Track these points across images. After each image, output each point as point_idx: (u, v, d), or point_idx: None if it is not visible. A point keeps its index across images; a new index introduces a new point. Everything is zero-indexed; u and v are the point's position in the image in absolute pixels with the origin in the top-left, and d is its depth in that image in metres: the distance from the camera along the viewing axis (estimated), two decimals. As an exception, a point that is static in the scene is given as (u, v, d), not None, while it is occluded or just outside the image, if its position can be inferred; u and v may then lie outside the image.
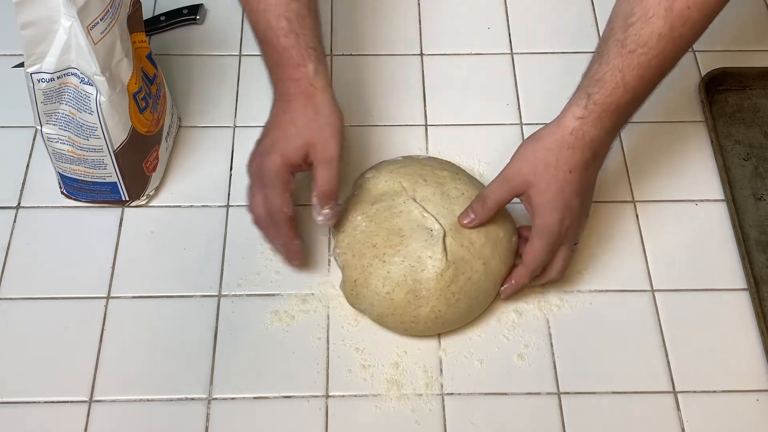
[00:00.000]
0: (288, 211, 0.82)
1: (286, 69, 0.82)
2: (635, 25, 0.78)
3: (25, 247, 0.90)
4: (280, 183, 0.81)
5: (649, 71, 0.78)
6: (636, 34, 0.77)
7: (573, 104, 0.80)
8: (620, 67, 0.78)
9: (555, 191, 0.80)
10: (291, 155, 0.81)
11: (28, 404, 0.80)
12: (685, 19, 0.77)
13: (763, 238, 0.91)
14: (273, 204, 0.82)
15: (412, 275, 0.81)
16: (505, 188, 0.82)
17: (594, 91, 0.79)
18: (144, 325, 0.85)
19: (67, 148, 0.86)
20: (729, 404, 0.82)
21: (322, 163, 0.81)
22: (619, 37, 0.78)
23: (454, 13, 1.10)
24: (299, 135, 0.81)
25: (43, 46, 0.79)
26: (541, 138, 0.81)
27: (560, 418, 0.81)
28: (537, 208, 0.80)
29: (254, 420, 0.80)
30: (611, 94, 0.79)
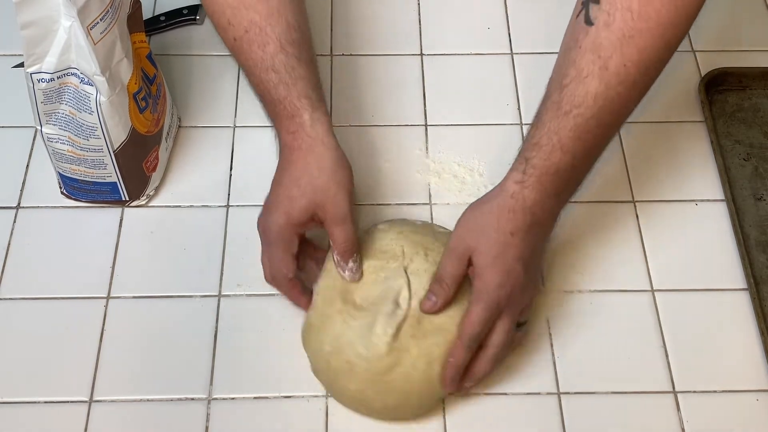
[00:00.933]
0: (288, 273, 0.80)
1: (283, 121, 0.81)
2: (570, 86, 0.74)
3: (25, 247, 0.90)
4: (282, 245, 0.80)
5: (586, 132, 0.75)
6: (571, 94, 0.74)
7: (513, 169, 0.77)
8: (556, 129, 0.75)
9: (495, 254, 0.75)
10: (295, 216, 0.79)
11: (28, 404, 0.80)
12: (622, 78, 0.73)
13: (763, 238, 0.91)
14: (274, 265, 0.81)
15: (355, 347, 0.77)
16: (452, 260, 0.77)
17: (532, 155, 0.76)
18: (144, 325, 0.85)
19: (67, 148, 0.86)
20: (729, 404, 0.82)
21: (334, 223, 0.79)
22: (555, 99, 0.75)
23: (454, 13, 1.10)
24: (304, 195, 0.79)
25: (43, 46, 0.79)
26: (482, 203, 0.78)
27: (560, 418, 0.81)
28: (478, 271, 0.76)
29: (254, 420, 0.80)
30: (549, 158, 0.75)
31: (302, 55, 0.82)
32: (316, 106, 0.81)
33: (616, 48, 0.72)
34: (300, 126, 0.80)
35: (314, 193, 0.79)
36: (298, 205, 0.79)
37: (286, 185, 0.80)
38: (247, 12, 0.81)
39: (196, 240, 0.91)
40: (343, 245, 0.79)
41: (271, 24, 0.81)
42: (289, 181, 0.80)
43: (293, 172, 0.80)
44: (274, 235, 0.80)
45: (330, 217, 0.78)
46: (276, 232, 0.80)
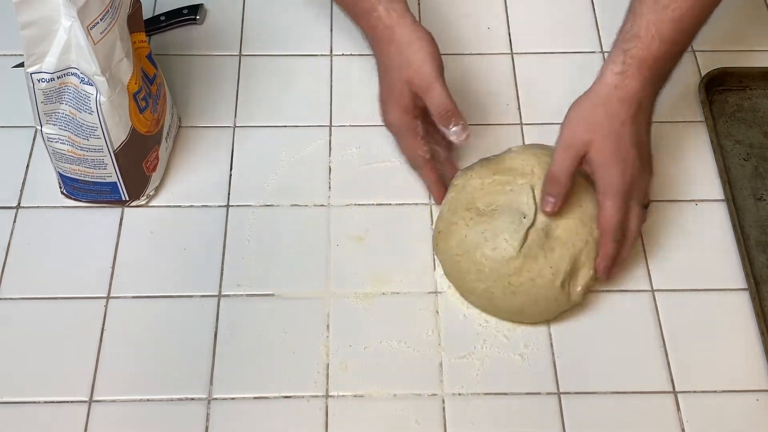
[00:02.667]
0: (424, 154, 0.86)
1: (363, 19, 0.87)
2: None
3: (25, 247, 0.90)
4: (407, 133, 0.86)
5: (683, 23, 0.80)
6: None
7: (610, 62, 0.82)
8: (654, 21, 0.80)
9: (612, 144, 0.80)
10: (401, 102, 0.85)
11: (28, 404, 0.80)
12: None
13: (763, 238, 0.91)
14: (409, 152, 0.88)
15: (483, 249, 0.83)
16: (568, 156, 0.81)
17: (630, 46, 0.80)
18: (144, 325, 0.85)
19: (67, 148, 0.86)
20: (729, 404, 0.82)
21: (424, 92, 0.84)
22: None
23: (454, 13, 1.10)
24: (398, 80, 0.84)
25: (43, 46, 0.79)
26: (586, 99, 0.82)
27: (560, 418, 0.81)
28: (598, 166, 0.80)
29: (254, 420, 0.80)
30: (647, 48, 0.80)
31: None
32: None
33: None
34: (378, 20, 0.86)
35: (402, 73, 0.84)
36: (398, 92, 0.85)
37: (384, 79, 0.87)
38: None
39: (196, 240, 0.91)
40: (437, 109, 0.84)
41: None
42: (384, 74, 0.87)
43: (384, 65, 0.86)
44: (397, 126, 0.87)
45: (419, 88, 0.84)
46: (396, 124, 0.87)
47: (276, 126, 0.99)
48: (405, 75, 0.84)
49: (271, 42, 1.06)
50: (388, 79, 0.86)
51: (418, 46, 0.84)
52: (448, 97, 0.84)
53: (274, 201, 0.93)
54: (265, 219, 0.92)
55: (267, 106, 1.01)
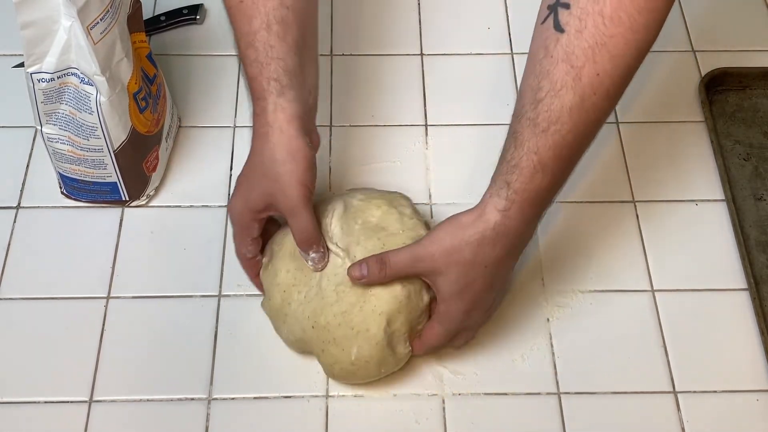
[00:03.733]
0: (247, 253, 0.83)
1: (253, 102, 0.79)
2: (545, 100, 0.71)
3: (25, 247, 0.90)
4: (241, 228, 0.82)
5: (565, 149, 0.72)
6: (547, 110, 0.71)
7: (494, 194, 0.74)
8: (535, 149, 0.72)
9: (465, 284, 0.75)
10: (252, 203, 0.79)
11: (28, 404, 0.80)
12: (595, 88, 0.70)
13: (763, 238, 0.91)
14: (236, 245, 0.84)
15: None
16: (410, 264, 0.76)
17: (513, 179, 0.73)
18: (144, 325, 0.85)
19: (67, 148, 0.86)
20: (729, 404, 0.82)
21: (288, 214, 0.78)
22: (531, 116, 0.72)
23: (454, 13, 1.10)
24: (259, 184, 0.78)
25: (43, 46, 0.79)
26: (463, 228, 0.75)
27: (560, 418, 0.81)
28: (443, 295, 0.76)
29: (254, 420, 0.80)
30: (530, 181, 0.73)
31: (287, 35, 0.78)
32: (283, 92, 0.77)
33: (589, 57, 0.69)
34: (263, 110, 0.77)
35: (267, 183, 0.77)
36: (254, 193, 0.79)
37: (246, 172, 0.80)
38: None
39: (196, 240, 0.91)
40: (298, 236, 0.78)
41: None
42: (248, 168, 0.80)
43: (252, 159, 0.79)
44: (235, 219, 0.82)
45: (283, 209, 0.78)
46: (236, 216, 0.82)
47: (276, 126, 0.99)
48: (269, 186, 0.77)
49: (271, 42, 1.06)
50: (248, 173, 0.80)
51: (291, 166, 0.76)
52: (314, 225, 0.77)
53: (274, 201, 0.93)
54: (265, 219, 0.92)
55: (267, 106, 1.01)
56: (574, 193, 0.94)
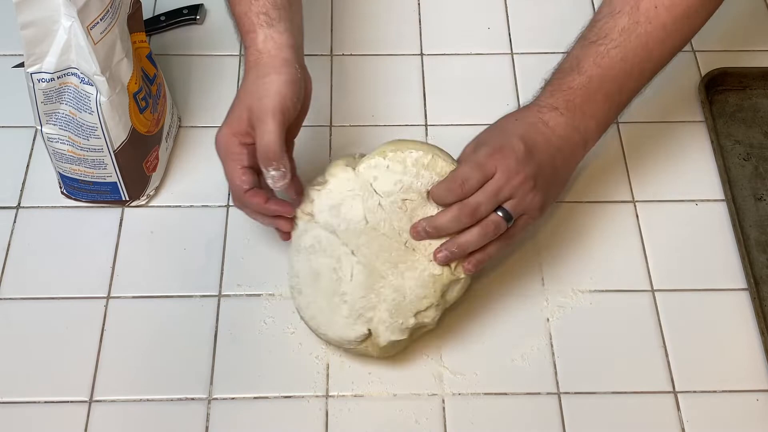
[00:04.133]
0: (242, 185, 0.77)
1: (243, 38, 0.80)
2: (601, 21, 0.81)
3: (25, 247, 0.90)
4: (230, 156, 0.78)
5: (606, 59, 0.80)
6: (600, 28, 0.81)
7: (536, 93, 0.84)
8: (578, 55, 0.81)
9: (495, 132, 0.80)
10: (235, 125, 0.77)
11: (28, 404, 0.80)
12: (650, 18, 0.79)
13: (763, 238, 0.91)
14: (231, 183, 0.79)
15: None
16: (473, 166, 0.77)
17: (550, 75, 0.83)
18: (144, 325, 0.85)
19: (67, 148, 0.86)
20: (729, 404, 0.82)
21: (257, 124, 0.76)
22: (585, 33, 0.83)
23: (454, 13, 1.10)
24: (241, 103, 0.78)
25: (43, 46, 0.79)
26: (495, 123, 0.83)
27: (560, 418, 0.81)
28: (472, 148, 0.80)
29: (254, 420, 0.80)
30: (564, 76, 0.81)
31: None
32: (272, 24, 0.79)
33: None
34: (252, 42, 0.79)
35: (248, 98, 0.77)
36: (236, 115, 0.78)
37: (234, 101, 0.80)
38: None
39: (196, 240, 0.91)
40: (261, 147, 0.76)
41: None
42: (236, 98, 0.80)
43: (240, 89, 0.79)
44: (221, 148, 0.78)
45: (255, 119, 0.76)
46: (222, 145, 0.78)
47: (276, 126, 0.99)
48: (249, 100, 0.77)
49: (271, 42, 1.06)
50: (236, 101, 0.79)
51: (273, 79, 0.76)
52: (278, 139, 0.75)
53: (274, 201, 0.93)
54: (265, 219, 0.92)
55: (267, 106, 1.01)
56: (573, 193, 0.94)
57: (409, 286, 0.77)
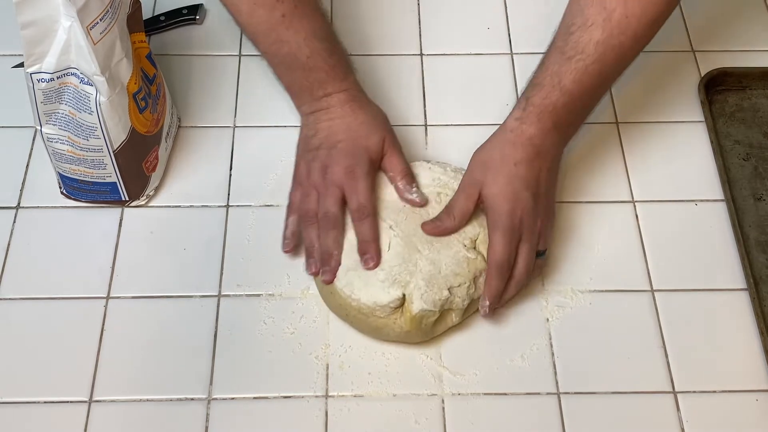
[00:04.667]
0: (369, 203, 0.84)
1: (335, 83, 0.88)
2: (575, 33, 0.82)
3: (25, 247, 0.90)
4: (371, 179, 0.86)
5: (586, 76, 0.82)
6: (575, 41, 0.82)
7: (514, 109, 0.85)
8: (557, 71, 0.82)
9: (503, 183, 0.82)
10: (374, 151, 0.86)
11: (28, 404, 0.80)
12: (623, 28, 0.80)
13: (763, 238, 0.91)
14: (364, 196, 0.85)
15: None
16: (462, 194, 0.84)
17: (532, 94, 0.84)
18: (144, 325, 0.85)
19: (67, 148, 0.86)
20: (729, 404, 0.82)
21: (396, 150, 0.88)
22: (559, 45, 0.83)
23: (454, 13, 1.10)
24: (376, 132, 0.87)
25: (43, 46, 0.79)
26: (486, 143, 0.86)
27: (560, 418, 0.81)
28: (489, 202, 0.83)
29: (254, 420, 0.80)
30: (547, 96, 0.83)
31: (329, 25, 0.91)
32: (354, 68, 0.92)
33: (620, 2, 0.80)
34: (352, 85, 0.89)
35: (381, 129, 0.88)
36: (374, 141, 0.87)
37: (354, 128, 0.87)
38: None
39: (196, 240, 0.91)
40: (406, 167, 0.87)
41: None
42: (357, 125, 0.87)
43: (358, 118, 0.88)
44: (364, 171, 0.85)
45: (391, 146, 0.88)
46: (365, 169, 0.85)
47: (276, 126, 0.99)
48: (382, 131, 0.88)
49: (271, 42, 1.06)
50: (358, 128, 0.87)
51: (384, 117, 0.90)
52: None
53: (274, 201, 0.93)
54: (265, 219, 0.92)
55: (267, 106, 1.01)
56: (573, 193, 0.94)
57: (444, 262, 0.82)
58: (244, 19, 0.87)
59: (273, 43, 0.87)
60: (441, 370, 0.83)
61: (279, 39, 0.87)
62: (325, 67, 0.87)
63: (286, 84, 0.91)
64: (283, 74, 0.90)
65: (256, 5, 0.86)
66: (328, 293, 0.84)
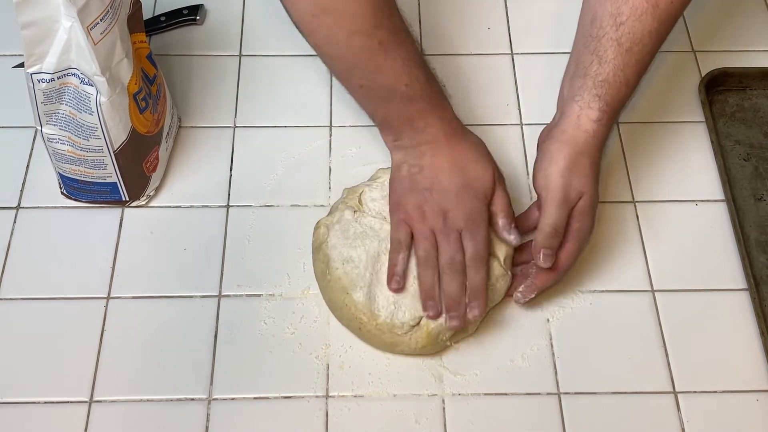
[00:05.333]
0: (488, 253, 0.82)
1: (436, 112, 0.83)
2: (626, 23, 0.81)
3: (25, 247, 0.90)
4: (485, 223, 0.82)
5: (644, 67, 0.83)
6: (630, 32, 0.81)
7: (585, 106, 0.82)
8: (621, 66, 0.81)
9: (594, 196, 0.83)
10: (489, 191, 0.83)
11: (28, 404, 0.80)
12: (670, 14, 0.82)
13: (763, 238, 0.91)
14: (483, 245, 0.81)
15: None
16: (565, 211, 0.82)
17: (602, 92, 0.82)
18: (144, 325, 0.85)
19: (67, 148, 0.86)
20: (729, 404, 0.82)
21: (502, 186, 0.84)
22: (613, 36, 0.81)
23: (454, 13, 1.10)
24: (487, 169, 0.83)
25: (43, 46, 0.79)
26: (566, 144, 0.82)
27: (560, 418, 0.81)
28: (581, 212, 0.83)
29: (254, 420, 0.80)
30: (617, 94, 0.82)
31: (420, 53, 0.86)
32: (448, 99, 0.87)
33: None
34: (452, 114, 0.85)
35: (491, 165, 0.84)
36: (487, 179, 0.83)
37: (467, 168, 0.83)
38: (389, 14, 0.81)
39: (196, 240, 0.91)
40: (509, 208, 0.84)
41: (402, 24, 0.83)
42: (468, 163, 0.83)
43: (466, 155, 0.84)
44: (484, 218, 0.82)
45: (499, 181, 0.84)
46: (482, 211, 0.82)
47: (276, 126, 0.99)
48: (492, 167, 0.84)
49: (271, 42, 1.06)
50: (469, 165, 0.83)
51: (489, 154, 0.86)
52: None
53: (274, 201, 0.93)
54: (265, 219, 0.92)
55: (267, 106, 1.01)
56: (574, 193, 0.94)
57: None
58: (341, 50, 0.80)
59: (371, 72, 0.81)
60: (441, 370, 0.83)
61: (378, 68, 0.80)
62: (426, 96, 0.83)
63: (382, 117, 0.85)
64: (378, 107, 0.84)
65: (354, 34, 0.79)
66: (340, 305, 0.83)
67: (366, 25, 0.78)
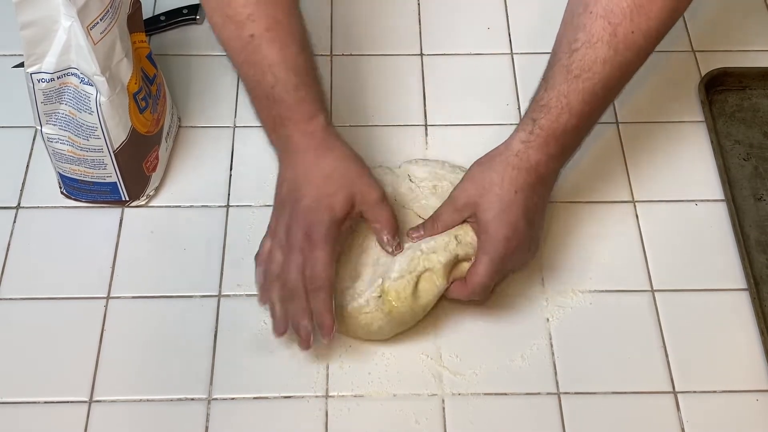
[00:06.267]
0: (329, 278, 0.78)
1: (299, 123, 0.80)
2: (580, 50, 0.78)
3: (25, 247, 0.90)
4: (331, 243, 0.78)
5: (594, 96, 0.79)
6: (581, 59, 0.78)
7: (520, 129, 0.81)
8: (565, 92, 0.79)
9: (500, 209, 0.79)
10: (338, 210, 0.79)
11: (28, 404, 0.80)
12: (629, 44, 0.77)
13: (763, 238, 0.91)
14: (319, 268, 0.78)
15: None
16: (451, 209, 0.82)
17: (539, 116, 0.79)
18: (144, 325, 0.85)
19: (67, 148, 0.86)
20: (729, 404, 0.82)
21: (375, 205, 0.81)
22: (565, 63, 0.79)
23: (454, 13, 1.10)
24: (342, 188, 0.79)
25: (43, 46, 0.79)
26: (488, 160, 0.82)
27: (560, 418, 0.81)
28: (483, 225, 0.80)
29: (254, 420, 0.80)
30: (557, 120, 0.79)
31: (312, 59, 0.83)
32: (326, 108, 0.83)
33: (626, 15, 0.76)
34: (319, 126, 0.80)
35: (349, 184, 0.80)
36: (338, 200, 0.79)
37: (317, 183, 0.79)
38: (273, 8, 0.79)
39: (196, 240, 0.91)
40: (391, 222, 0.82)
41: (291, 23, 0.80)
42: (321, 179, 0.79)
43: (322, 170, 0.80)
44: (322, 235, 0.78)
45: (371, 201, 0.81)
46: (324, 231, 0.78)
47: (276, 126, 0.99)
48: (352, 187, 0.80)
49: (271, 42, 1.06)
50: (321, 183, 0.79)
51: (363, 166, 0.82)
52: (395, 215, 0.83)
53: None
54: (265, 219, 0.91)
55: (267, 106, 1.01)
56: (573, 193, 0.94)
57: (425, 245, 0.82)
58: (216, 31, 0.81)
59: (242, 63, 0.81)
60: (441, 370, 0.83)
61: (247, 60, 0.80)
62: (288, 102, 0.79)
63: (254, 111, 0.84)
64: (251, 99, 0.83)
65: (228, 19, 0.79)
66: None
67: (239, 16, 0.78)
